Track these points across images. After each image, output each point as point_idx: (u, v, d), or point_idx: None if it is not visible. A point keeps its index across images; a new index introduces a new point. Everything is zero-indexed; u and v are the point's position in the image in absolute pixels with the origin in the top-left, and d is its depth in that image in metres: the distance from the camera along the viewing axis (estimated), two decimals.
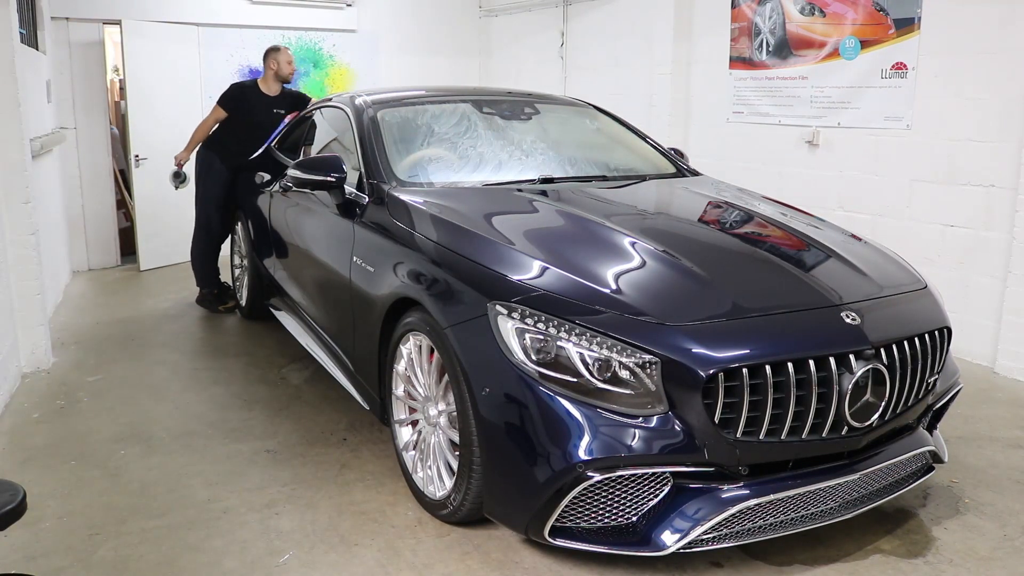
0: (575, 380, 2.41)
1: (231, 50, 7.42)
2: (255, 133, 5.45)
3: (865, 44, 5.10)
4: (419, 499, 2.97)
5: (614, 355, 2.39)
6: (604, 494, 2.44)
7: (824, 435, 2.48)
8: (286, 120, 5.48)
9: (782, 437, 2.44)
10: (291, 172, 3.65)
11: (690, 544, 2.40)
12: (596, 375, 2.40)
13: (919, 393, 2.74)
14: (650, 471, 2.40)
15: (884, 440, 2.69)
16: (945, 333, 2.83)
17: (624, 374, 2.39)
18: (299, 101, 5.65)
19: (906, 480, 2.82)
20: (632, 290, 2.59)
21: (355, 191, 3.60)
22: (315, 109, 4.79)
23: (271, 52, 5.58)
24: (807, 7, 5.43)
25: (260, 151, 5.33)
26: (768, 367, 2.39)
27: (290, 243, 4.35)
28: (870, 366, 2.48)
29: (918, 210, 4.91)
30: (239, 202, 5.44)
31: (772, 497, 2.45)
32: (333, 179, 3.56)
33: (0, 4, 4.09)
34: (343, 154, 3.91)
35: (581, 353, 2.41)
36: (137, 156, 6.74)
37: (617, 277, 2.66)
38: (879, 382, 2.52)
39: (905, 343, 2.62)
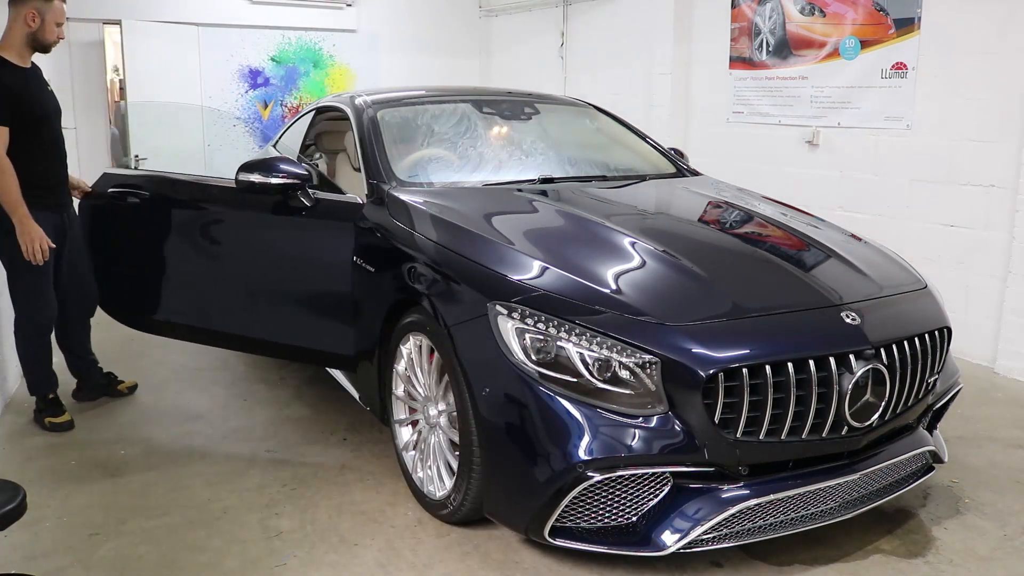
0: (575, 380, 2.41)
1: (231, 50, 7.43)
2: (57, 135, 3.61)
3: (865, 44, 5.10)
4: (419, 499, 2.97)
5: (614, 355, 2.39)
6: (604, 494, 2.44)
7: (824, 435, 2.48)
8: (285, 119, 5.42)
9: (782, 437, 2.44)
10: (242, 177, 3.32)
11: (690, 544, 2.40)
12: (596, 375, 2.40)
13: (919, 393, 2.74)
14: (650, 471, 2.40)
15: (884, 440, 2.69)
16: (945, 333, 2.83)
17: (624, 374, 2.39)
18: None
19: (906, 480, 2.82)
20: (632, 290, 2.59)
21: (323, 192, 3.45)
22: (314, 109, 4.79)
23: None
24: (807, 7, 5.43)
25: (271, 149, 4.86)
26: (768, 367, 2.39)
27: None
28: (870, 366, 2.48)
29: (918, 210, 4.90)
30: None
31: (772, 497, 2.45)
32: (297, 181, 3.35)
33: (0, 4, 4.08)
34: (343, 154, 3.90)
35: (581, 353, 2.41)
36: (137, 156, 6.74)
37: (617, 277, 2.66)
38: (879, 382, 2.52)
39: (905, 343, 2.62)
